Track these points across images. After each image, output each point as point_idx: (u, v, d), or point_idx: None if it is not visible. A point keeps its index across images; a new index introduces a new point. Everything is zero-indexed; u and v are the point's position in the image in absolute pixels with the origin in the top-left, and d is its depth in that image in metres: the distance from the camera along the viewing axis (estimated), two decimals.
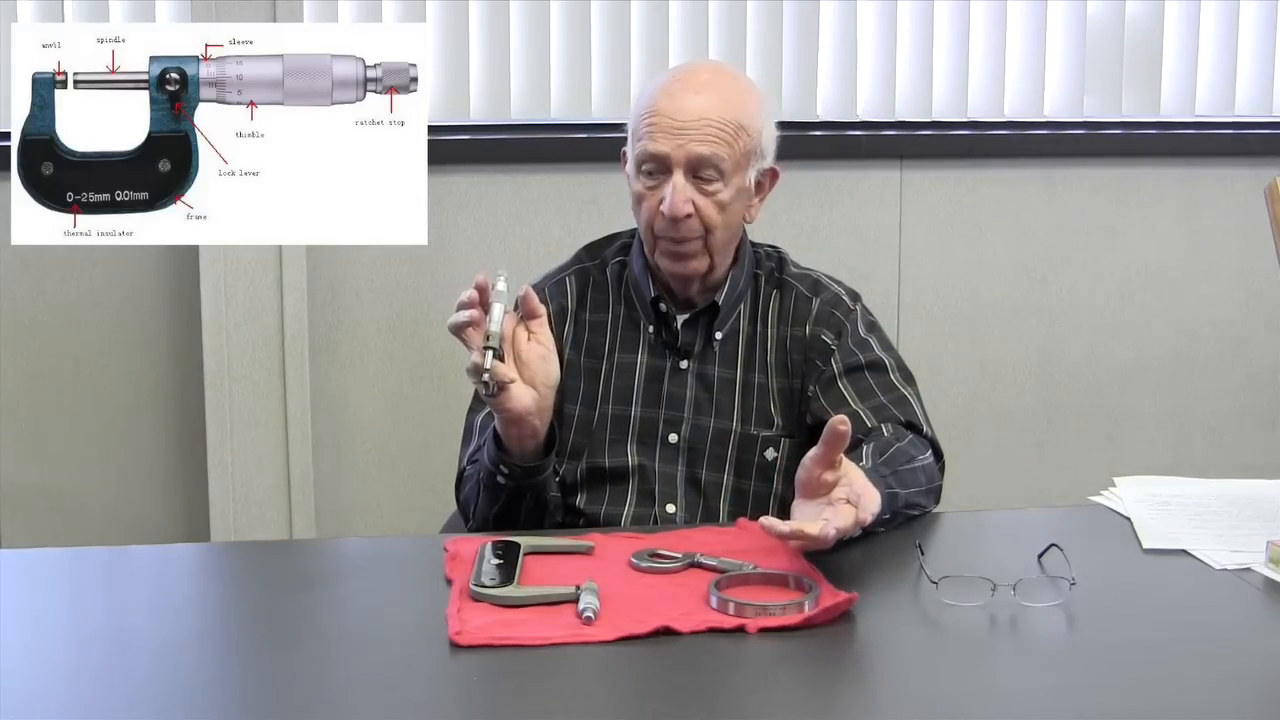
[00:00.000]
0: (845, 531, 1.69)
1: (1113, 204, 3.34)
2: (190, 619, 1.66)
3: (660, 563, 1.74)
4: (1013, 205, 3.32)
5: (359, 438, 3.21)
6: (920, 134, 3.26)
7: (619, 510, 2.07)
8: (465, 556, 1.75)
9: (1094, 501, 2.01)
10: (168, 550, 2.11)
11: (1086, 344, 3.37)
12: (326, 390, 3.18)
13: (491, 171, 3.15)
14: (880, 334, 2.14)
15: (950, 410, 3.29)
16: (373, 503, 3.23)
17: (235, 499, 3.11)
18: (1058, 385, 3.38)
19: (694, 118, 1.99)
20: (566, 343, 2.12)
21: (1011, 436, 3.38)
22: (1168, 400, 3.41)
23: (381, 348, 3.19)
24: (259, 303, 3.07)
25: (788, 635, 1.55)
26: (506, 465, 1.94)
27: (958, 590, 1.63)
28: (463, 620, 1.57)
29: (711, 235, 2.03)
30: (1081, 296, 3.36)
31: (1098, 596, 1.66)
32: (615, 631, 1.55)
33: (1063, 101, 3.30)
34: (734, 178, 2.02)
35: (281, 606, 1.67)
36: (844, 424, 1.69)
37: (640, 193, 2.04)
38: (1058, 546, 1.75)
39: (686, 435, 2.09)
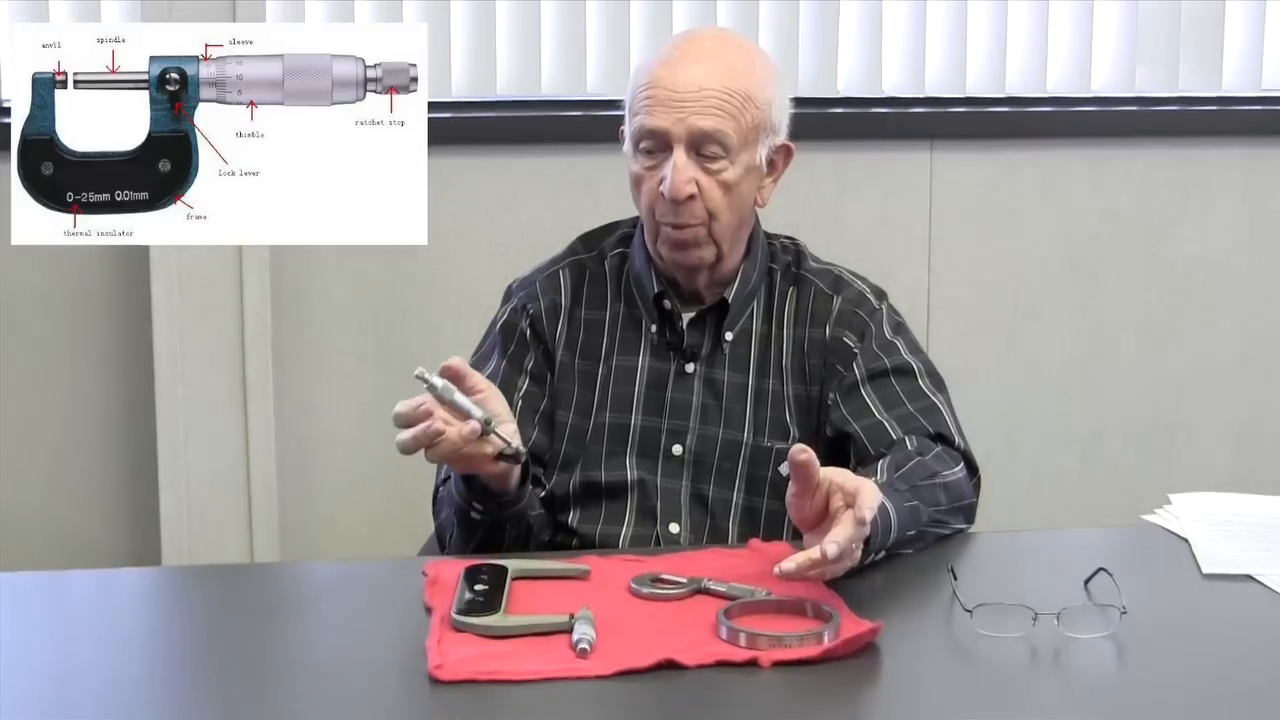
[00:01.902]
0: (849, 539, 1.70)
1: (1168, 190, 3.34)
2: (139, 653, 1.66)
3: (663, 588, 1.75)
4: (1056, 191, 3.32)
5: (328, 450, 3.22)
6: (953, 111, 3.26)
7: (616, 530, 2.08)
8: (446, 582, 1.75)
9: (1147, 521, 2.01)
10: (114, 575, 2.11)
11: (1138, 346, 3.38)
12: (292, 397, 3.18)
13: (476, 153, 3.15)
14: (908, 335, 2.15)
15: (986, 420, 3.28)
16: (343, 522, 3.23)
17: (189, 518, 3.11)
18: (1106, 392, 3.38)
19: (695, 88, 2.00)
20: (559, 343, 2.13)
21: (1054, 449, 3.38)
22: (1230, 408, 3.41)
23: (353, 350, 3.20)
24: (216, 300, 3.07)
25: (805, 669, 1.56)
26: (480, 501, 1.95)
27: (994, 619, 1.63)
28: (443, 653, 1.57)
29: (716, 220, 2.03)
30: (1133, 293, 3.36)
31: (1151, 628, 1.66)
32: (613, 665, 1.55)
33: (1112, 75, 3.31)
34: (741, 155, 2.02)
35: (242, 638, 1.67)
36: (803, 452, 1.71)
37: (639, 174, 2.05)
38: (1106, 571, 1.76)
39: (692, 447, 2.10)
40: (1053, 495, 3.37)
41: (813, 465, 1.72)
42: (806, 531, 1.76)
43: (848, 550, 1.70)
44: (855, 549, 1.73)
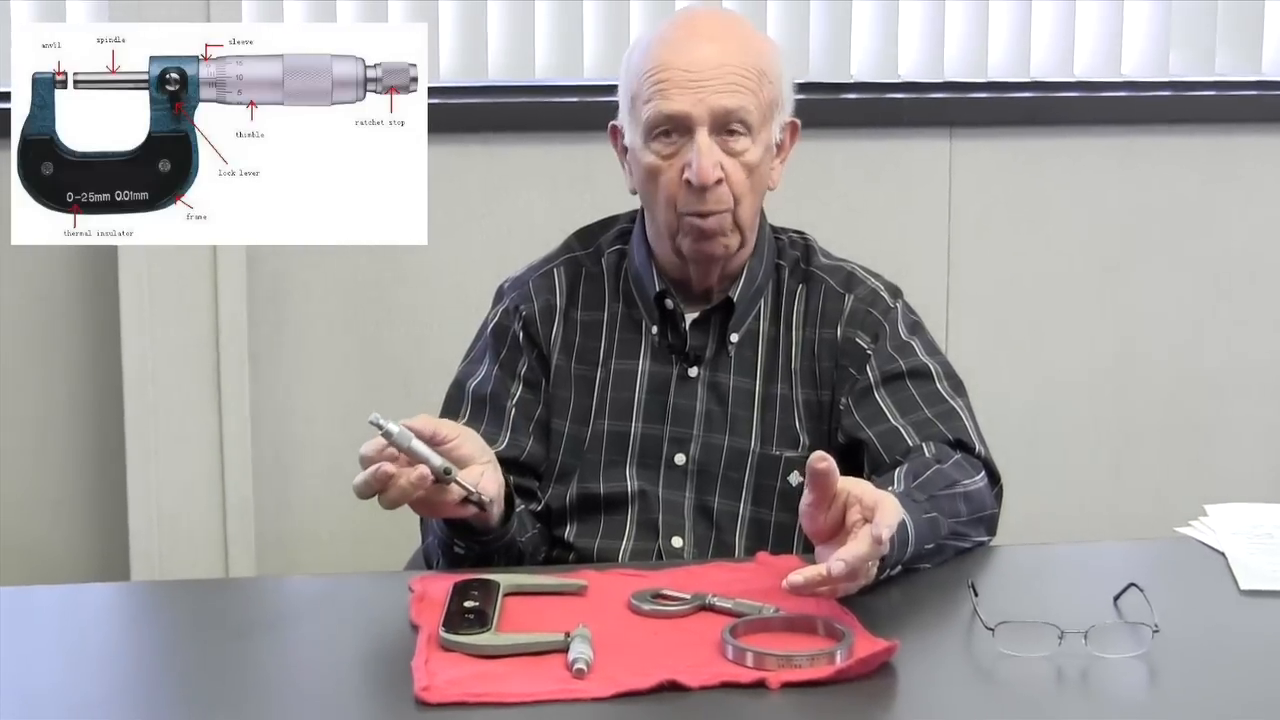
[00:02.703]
0: (862, 558, 1.69)
1: (1204, 180, 3.34)
2: (106, 674, 1.66)
3: (665, 605, 1.75)
4: (1084, 182, 3.32)
5: (308, 458, 3.22)
6: (974, 97, 3.26)
7: (615, 544, 2.08)
8: (434, 598, 1.75)
9: (1181, 533, 2.02)
10: (79, 591, 2.11)
11: (1172, 346, 3.38)
12: (269, 402, 3.18)
13: (466, 142, 3.16)
14: (925, 336, 2.15)
15: (1009, 425, 3.28)
16: (324, 534, 3.23)
17: (160, 530, 3.11)
18: (1137, 395, 3.38)
19: (714, 65, 2.01)
20: (555, 347, 2.13)
21: (1082, 456, 3.38)
22: (1270, 413, 3.41)
23: (335, 350, 3.20)
24: (188, 298, 3.07)
25: (816, 691, 1.56)
26: (461, 538, 1.95)
27: (1018, 638, 1.64)
28: (431, 673, 1.57)
29: (740, 205, 2.04)
30: (1166, 290, 3.36)
31: (1185, 647, 1.66)
32: (612, 687, 1.55)
33: (1144, 58, 3.31)
34: (761, 133, 2.04)
35: (215, 658, 1.67)
36: (822, 460, 1.71)
37: (655, 165, 2.05)
38: (1137, 587, 1.76)
39: (696, 456, 2.10)
40: (1080, 505, 3.37)
41: (832, 474, 1.72)
42: (820, 544, 1.76)
43: (861, 568, 1.71)
44: (870, 567, 1.73)
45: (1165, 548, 2.01)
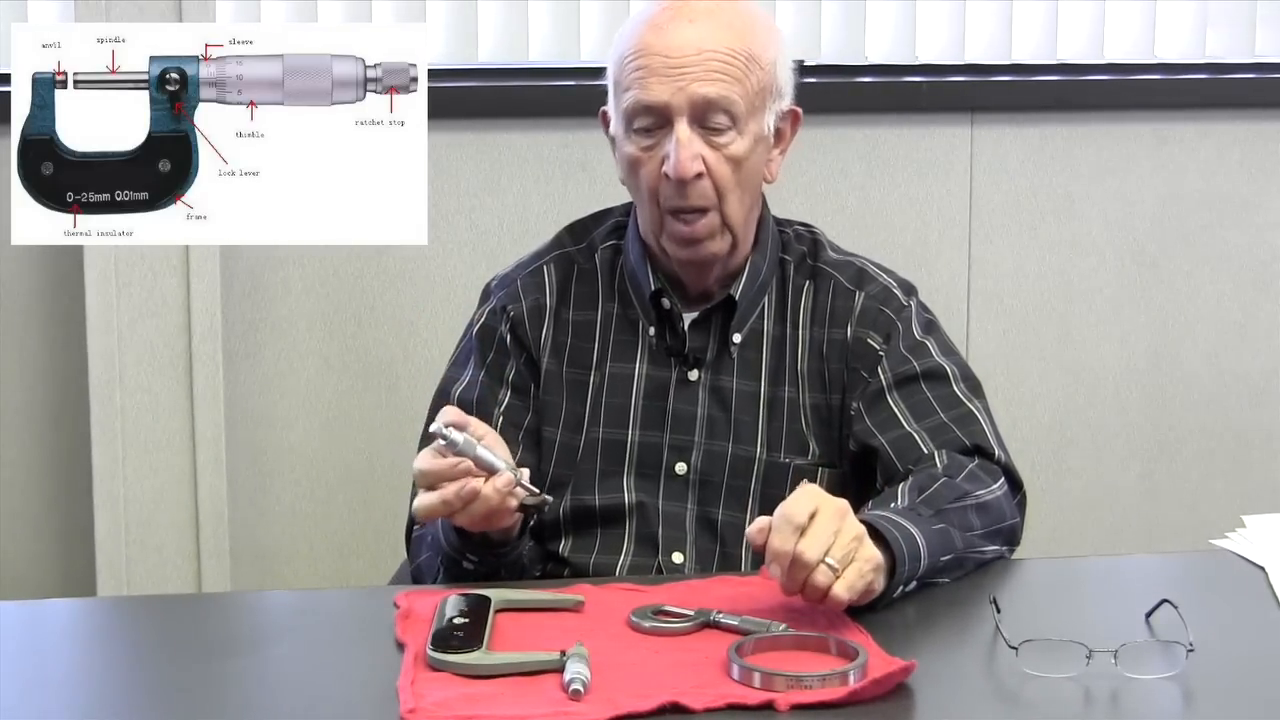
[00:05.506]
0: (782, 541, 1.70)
1: (1242, 168, 3.35)
2: (71, 694, 1.66)
3: (667, 622, 1.76)
4: (1115, 171, 3.33)
5: (286, 464, 3.22)
6: (997, 80, 3.27)
7: (612, 560, 2.08)
8: (421, 614, 1.76)
9: (1217, 546, 2.02)
10: (42, 607, 2.12)
11: (1209, 346, 3.38)
12: (245, 405, 3.19)
13: (456, 128, 3.16)
14: (940, 335, 2.15)
15: (1033, 430, 3.30)
16: (304, 547, 3.24)
17: (128, 542, 3.12)
18: (1171, 398, 3.39)
19: (693, 51, 2.00)
20: (545, 350, 2.13)
21: (1112, 463, 3.38)
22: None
23: (315, 351, 3.20)
24: (160, 294, 3.07)
25: (828, 713, 1.56)
26: (475, 552, 1.95)
27: (1043, 657, 1.64)
28: (418, 695, 1.58)
29: (726, 201, 2.03)
30: (1202, 286, 3.37)
31: (1222, 667, 1.67)
32: (610, 709, 1.56)
33: (1180, 39, 3.31)
34: (749, 124, 2.03)
35: (188, 679, 1.67)
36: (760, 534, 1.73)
37: (635, 156, 2.05)
38: (1171, 603, 1.76)
39: (698, 465, 2.10)
40: (1109, 516, 3.37)
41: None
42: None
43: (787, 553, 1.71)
44: (861, 581, 1.73)
45: (1201, 561, 2.01)
